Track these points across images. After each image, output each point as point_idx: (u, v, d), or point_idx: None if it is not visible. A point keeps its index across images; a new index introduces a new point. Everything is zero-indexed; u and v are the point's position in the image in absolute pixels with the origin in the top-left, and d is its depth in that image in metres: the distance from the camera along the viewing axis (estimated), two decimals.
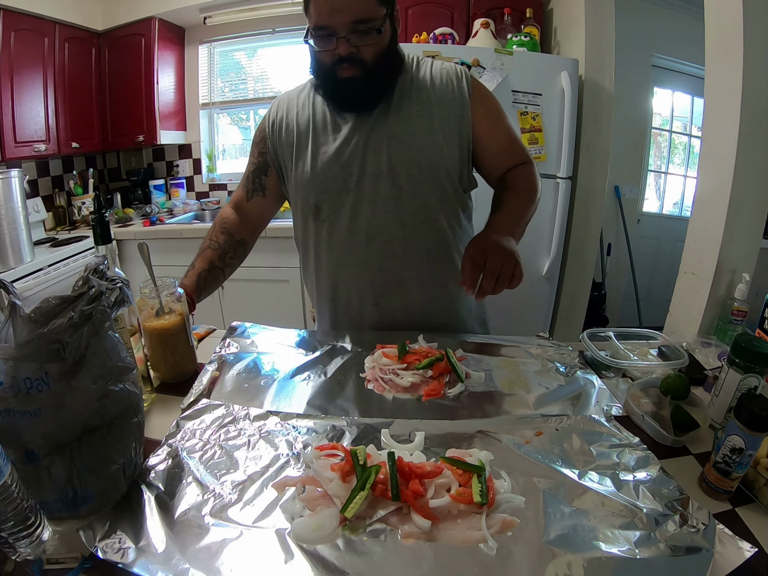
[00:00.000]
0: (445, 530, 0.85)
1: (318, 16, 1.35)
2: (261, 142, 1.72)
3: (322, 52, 1.42)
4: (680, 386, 1.27)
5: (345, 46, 1.37)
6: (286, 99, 1.69)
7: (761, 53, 1.79)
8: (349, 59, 1.40)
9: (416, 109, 1.55)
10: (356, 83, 1.45)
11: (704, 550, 0.82)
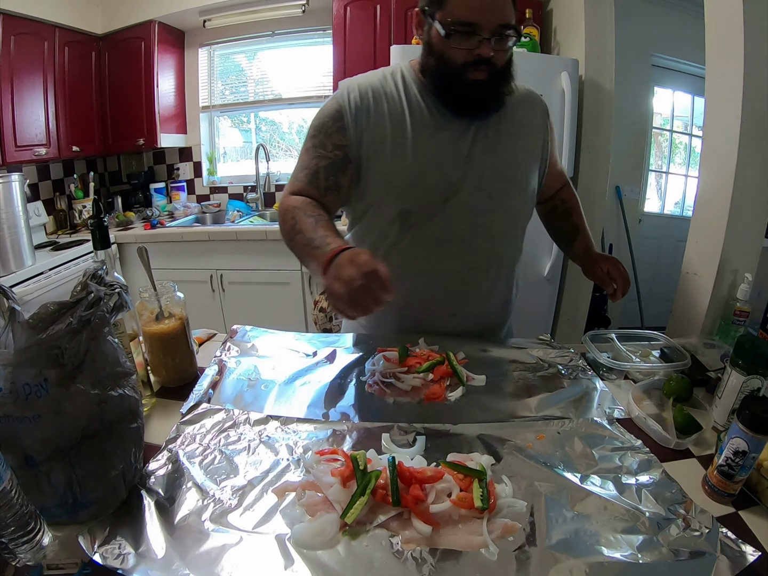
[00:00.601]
0: (446, 535, 0.85)
1: (466, 11, 1.28)
2: (338, 133, 1.48)
3: (456, 50, 1.34)
4: (683, 388, 1.27)
5: (487, 48, 1.31)
6: (369, 87, 1.50)
7: (762, 52, 1.79)
8: (484, 62, 1.34)
9: (513, 126, 1.55)
10: (483, 87, 1.40)
11: (707, 554, 0.82)
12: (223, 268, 3.99)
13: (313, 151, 1.50)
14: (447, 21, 1.30)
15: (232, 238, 3.90)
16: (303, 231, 1.35)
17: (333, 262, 1.15)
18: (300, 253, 1.38)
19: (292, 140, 5.21)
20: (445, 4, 1.30)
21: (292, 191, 1.51)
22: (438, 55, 1.39)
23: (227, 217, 4.56)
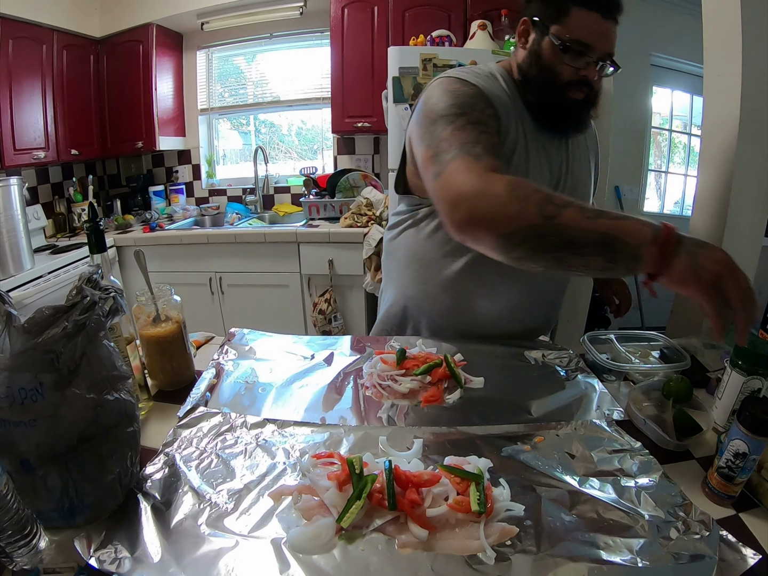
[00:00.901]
0: (442, 539, 0.85)
1: (585, 32, 1.30)
2: (493, 119, 1.34)
3: (565, 66, 1.35)
4: (682, 389, 1.26)
5: (593, 71, 1.35)
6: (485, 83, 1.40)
7: (760, 50, 1.79)
8: (586, 83, 1.37)
9: (581, 150, 1.60)
10: (579, 107, 1.43)
11: (707, 557, 0.81)
12: (222, 271, 4.00)
13: (474, 127, 1.25)
14: (565, 37, 1.31)
15: (231, 241, 3.90)
16: (574, 204, 1.03)
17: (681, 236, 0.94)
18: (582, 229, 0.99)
19: (291, 142, 5.22)
20: (564, 19, 1.31)
21: (487, 168, 1.13)
22: (545, 67, 1.39)
23: (226, 220, 4.57)
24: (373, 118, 4.01)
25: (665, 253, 0.93)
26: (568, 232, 1.00)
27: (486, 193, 1.07)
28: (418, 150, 1.36)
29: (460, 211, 1.11)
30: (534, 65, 1.41)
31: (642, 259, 0.96)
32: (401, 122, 3.15)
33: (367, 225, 3.74)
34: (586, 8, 1.29)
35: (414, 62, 3.09)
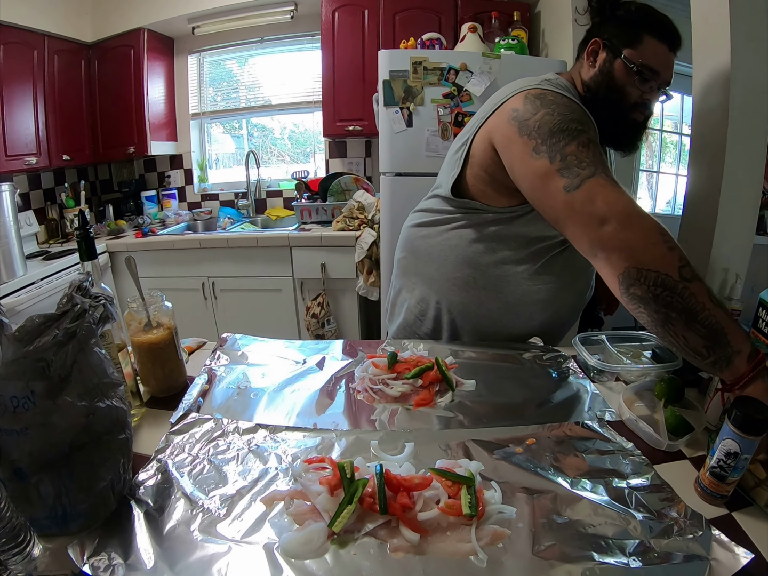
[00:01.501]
0: (434, 543, 0.85)
1: (655, 60, 1.40)
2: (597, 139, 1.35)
3: (635, 88, 1.44)
4: (674, 390, 1.27)
5: (656, 95, 1.46)
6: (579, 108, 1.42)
7: (748, 50, 1.81)
8: (647, 106, 1.48)
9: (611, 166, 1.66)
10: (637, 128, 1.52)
11: (700, 557, 0.81)
12: (215, 276, 4.00)
13: (595, 148, 1.28)
14: (637, 61, 1.40)
15: (224, 245, 3.90)
16: (702, 279, 1.09)
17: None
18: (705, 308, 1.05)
19: (283, 146, 5.22)
20: (638, 46, 1.40)
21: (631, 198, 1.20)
22: (615, 87, 1.45)
23: (218, 225, 4.56)
24: (364, 121, 4.01)
25: (753, 372, 1.02)
26: (693, 302, 1.05)
27: (637, 223, 1.14)
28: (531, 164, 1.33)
29: (609, 228, 1.16)
30: (604, 84, 1.47)
31: (732, 364, 1.04)
32: (392, 125, 3.15)
33: (359, 228, 3.74)
34: (658, 39, 1.39)
35: (404, 65, 3.10)
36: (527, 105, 1.39)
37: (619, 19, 1.44)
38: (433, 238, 1.70)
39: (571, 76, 1.56)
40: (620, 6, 1.44)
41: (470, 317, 1.69)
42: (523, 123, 1.37)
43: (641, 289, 1.11)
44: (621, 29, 1.43)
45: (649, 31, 1.39)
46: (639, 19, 1.41)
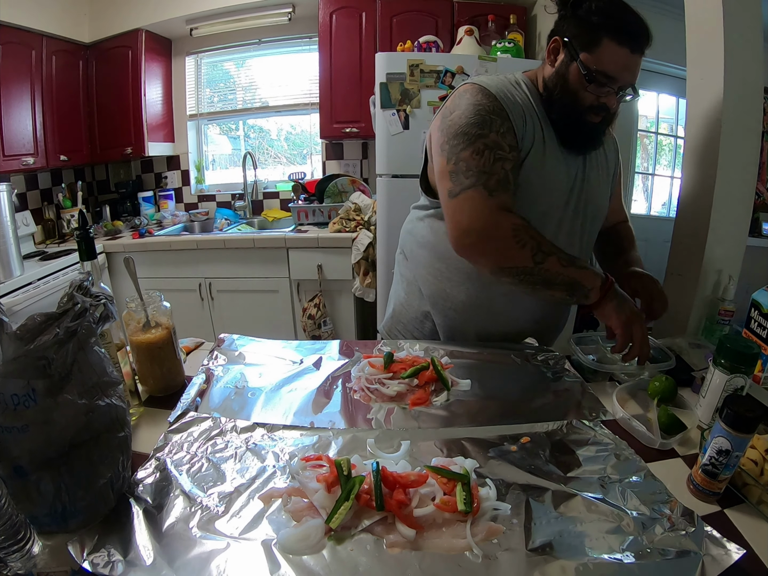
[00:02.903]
0: (430, 539, 0.86)
1: (613, 66, 1.36)
2: (509, 133, 1.44)
3: (589, 93, 1.42)
4: (667, 389, 1.28)
5: (614, 100, 1.43)
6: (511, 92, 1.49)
7: (742, 53, 1.81)
8: (605, 109, 1.45)
9: (599, 160, 1.66)
10: (594, 130, 1.51)
11: (692, 553, 0.82)
12: (212, 277, 4.00)
13: (490, 153, 1.40)
14: (592, 67, 1.37)
15: (220, 247, 3.90)
16: (554, 252, 1.36)
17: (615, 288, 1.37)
18: (558, 273, 1.35)
19: (280, 147, 5.22)
20: (594, 50, 1.37)
21: (498, 206, 1.37)
22: (569, 91, 1.45)
23: (215, 226, 4.56)
24: (361, 123, 4.02)
25: (603, 296, 1.36)
26: (548, 274, 1.36)
27: (493, 234, 1.36)
28: (437, 157, 1.50)
29: (469, 240, 1.39)
30: (559, 86, 1.47)
31: (589, 298, 1.37)
32: (389, 127, 3.17)
33: (356, 230, 3.75)
34: (618, 43, 1.34)
35: (401, 68, 3.11)
36: (454, 101, 1.50)
37: (580, 19, 1.39)
38: (415, 231, 1.76)
39: (535, 74, 1.59)
40: (581, 3, 1.39)
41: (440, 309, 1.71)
42: (444, 118, 1.49)
43: (508, 278, 1.40)
44: (580, 30, 1.39)
45: (609, 34, 1.34)
46: (599, 20, 1.35)
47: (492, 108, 1.43)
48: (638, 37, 1.36)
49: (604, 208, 1.70)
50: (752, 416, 0.90)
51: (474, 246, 1.39)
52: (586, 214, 1.61)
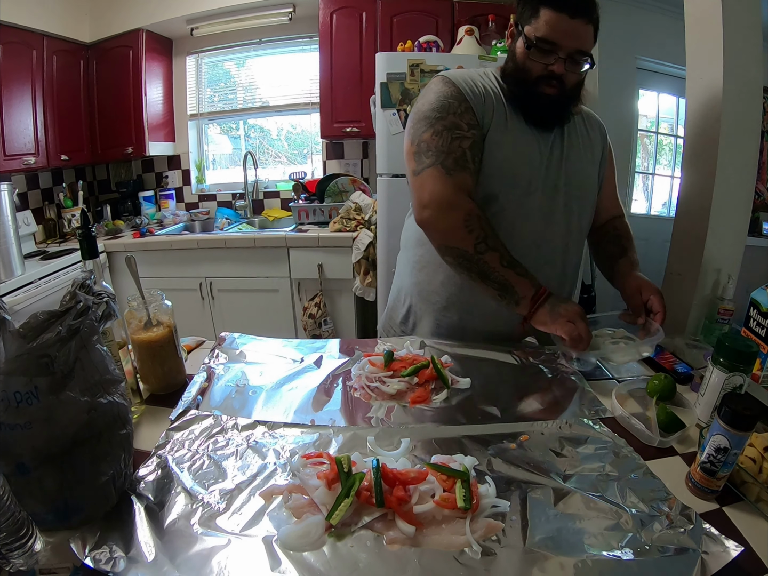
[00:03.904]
0: (429, 535, 0.86)
1: (550, 31, 1.40)
2: (467, 113, 1.51)
3: (534, 62, 1.46)
4: (666, 387, 1.29)
5: (561, 66, 1.44)
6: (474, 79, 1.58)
7: (741, 53, 1.81)
8: (556, 78, 1.46)
9: (582, 140, 1.68)
10: (551, 101, 1.52)
11: (691, 550, 0.83)
12: (213, 276, 4.00)
13: (448, 134, 1.49)
14: (532, 36, 1.43)
15: (221, 246, 3.91)
16: (499, 250, 1.44)
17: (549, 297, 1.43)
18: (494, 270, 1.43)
19: (280, 147, 5.23)
20: (534, 21, 1.42)
21: (456, 185, 1.47)
22: (517, 64, 1.51)
23: (216, 225, 4.57)
24: (361, 123, 4.02)
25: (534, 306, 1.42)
26: (485, 267, 1.43)
27: (447, 213, 1.46)
28: (404, 141, 1.61)
29: (426, 213, 1.49)
30: (510, 62, 1.56)
31: (519, 306, 1.45)
32: (389, 127, 3.17)
33: (356, 229, 3.75)
34: (553, 9, 1.39)
35: (402, 68, 3.11)
36: (423, 92, 1.62)
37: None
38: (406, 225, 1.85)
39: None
40: None
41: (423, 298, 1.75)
42: (415, 104, 1.61)
43: (450, 258, 1.50)
44: (524, 7, 1.46)
45: (544, 3, 1.40)
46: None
47: (451, 93, 1.52)
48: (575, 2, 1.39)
49: (590, 187, 1.71)
50: (750, 414, 0.91)
51: (429, 219, 1.49)
52: (569, 193, 1.61)
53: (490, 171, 1.53)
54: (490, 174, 1.53)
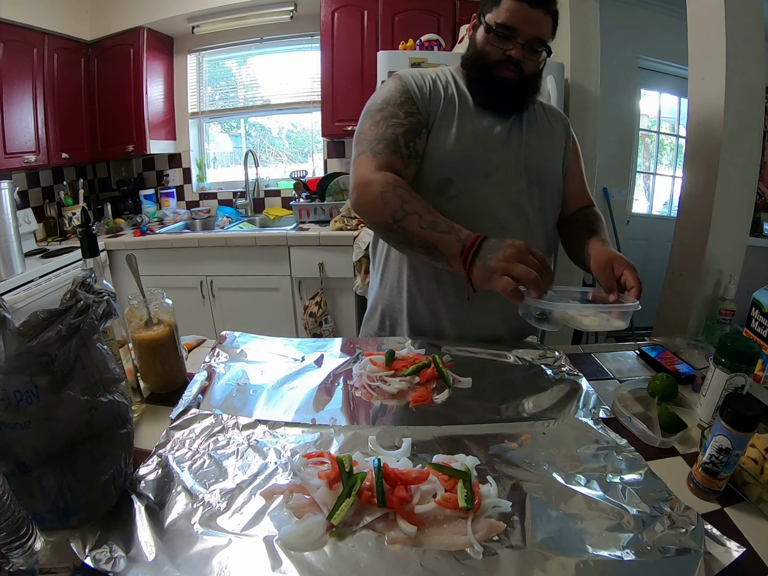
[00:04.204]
0: (431, 535, 0.86)
1: (510, 17, 1.45)
2: (407, 103, 1.56)
3: (493, 47, 1.50)
4: (668, 387, 1.29)
5: (519, 51, 1.48)
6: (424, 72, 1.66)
7: (743, 54, 1.81)
8: (514, 63, 1.50)
9: (543, 127, 1.72)
10: (508, 86, 1.55)
11: (692, 551, 0.82)
12: (213, 274, 4.00)
13: (384, 122, 1.54)
14: (492, 22, 1.48)
15: (222, 244, 3.91)
16: (418, 213, 1.37)
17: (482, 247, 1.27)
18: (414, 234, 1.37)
19: (281, 145, 5.23)
20: (494, 9, 1.47)
21: (378, 166, 1.48)
22: (477, 49, 1.56)
23: (217, 224, 4.57)
24: None
25: (465, 264, 1.28)
26: (406, 234, 1.39)
27: (367, 191, 1.44)
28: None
29: (353, 197, 1.49)
30: (470, 49, 1.61)
31: (452, 265, 1.34)
32: None
33: (357, 228, 3.75)
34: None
35: (403, 66, 3.11)
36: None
37: None
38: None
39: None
40: None
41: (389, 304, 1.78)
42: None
43: (381, 235, 1.56)
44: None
45: None
46: None
47: (395, 87, 1.59)
48: None
49: (552, 172, 1.72)
50: (752, 415, 0.90)
51: (355, 202, 1.49)
52: (530, 176, 1.63)
53: (440, 155, 1.56)
54: (441, 158, 1.56)
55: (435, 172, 1.57)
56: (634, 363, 1.57)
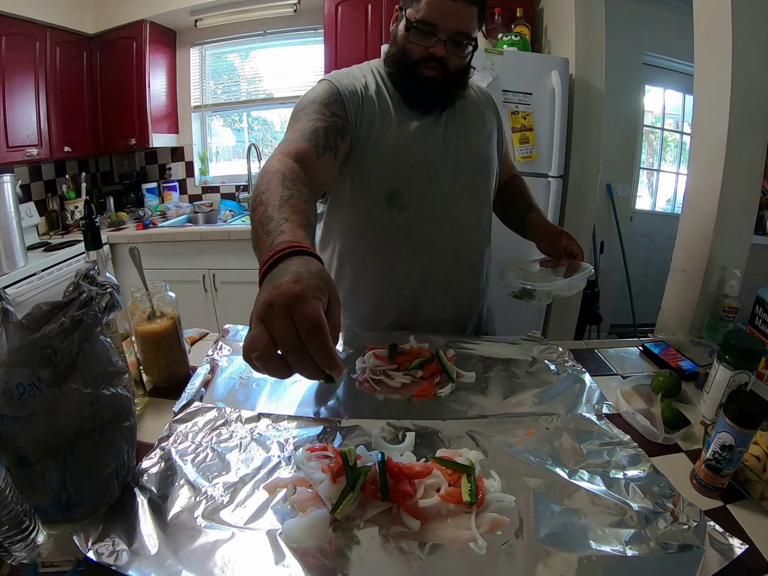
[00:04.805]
0: (434, 530, 0.86)
1: (430, 12, 1.41)
2: (335, 104, 1.49)
3: (414, 45, 1.47)
4: (671, 384, 1.29)
5: (441, 48, 1.44)
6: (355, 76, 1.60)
7: (749, 50, 1.81)
8: (437, 60, 1.46)
9: (475, 117, 1.70)
10: (433, 84, 1.52)
11: (695, 547, 0.83)
12: (216, 268, 4.00)
13: (306, 118, 1.44)
14: (412, 18, 1.44)
15: (225, 238, 3.91)
16: (266, 204, 1.05)
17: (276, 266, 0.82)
18: (253, 227, 1.05)
19: None
20: (415, 3, 1.44)
21: (283, 152, 1.29)
22: (398, 47, 1.52)
23: (219, 217, 4.56)
24: None
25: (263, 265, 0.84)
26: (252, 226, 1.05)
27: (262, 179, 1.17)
28: None
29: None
30: (392, 47, 1.57)
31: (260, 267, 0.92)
32: None
33: None
34: None
35: None
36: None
37: None
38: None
39: None
40: None
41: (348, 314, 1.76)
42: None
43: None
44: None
45: None
46: None
47: (323, 89, 1.52)
48: None
49: (490, 161, 1.72)
50: (756, 412, 0.91)
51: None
52: (471, 169, 1.64)
53: (385, 167, 1.54)
54: (387, 170, 1.54)
55: (382, 186, 1.55)
56: (637, 359, 1.57)
